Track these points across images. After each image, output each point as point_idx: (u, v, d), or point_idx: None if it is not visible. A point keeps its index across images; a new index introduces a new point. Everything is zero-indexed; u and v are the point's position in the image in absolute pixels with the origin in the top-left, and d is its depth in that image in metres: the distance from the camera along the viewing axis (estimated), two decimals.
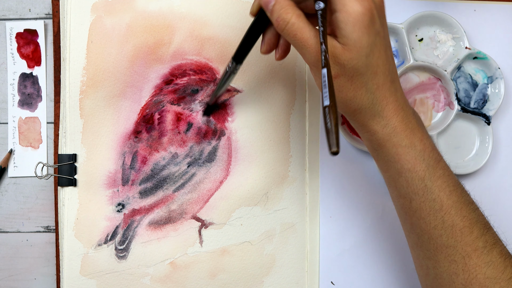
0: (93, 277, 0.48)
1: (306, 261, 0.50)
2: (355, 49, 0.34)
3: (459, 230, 0.38)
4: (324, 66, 0.33)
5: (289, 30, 0.35)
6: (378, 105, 0.37)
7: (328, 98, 0.32)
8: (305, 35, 0.35)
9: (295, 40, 0.36)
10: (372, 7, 0.35)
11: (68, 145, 0.48)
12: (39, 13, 0.52)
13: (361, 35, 0.34)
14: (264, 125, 0.49)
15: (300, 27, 0.35)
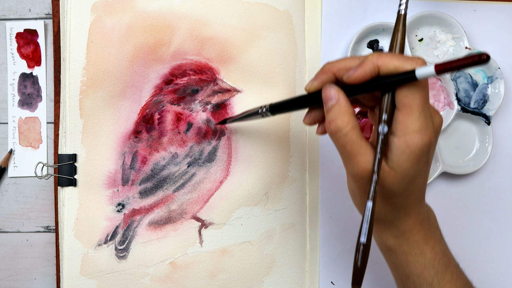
0: (93, 277, 0.48)
1: (306, 261, 0.50)
2: (401, 177, 0.34)
3: None
4: (371, 199, 0.32)
5: (340, 139, 0.34)
6: (398, 220, 0.36)
7: (365, 235, 0.31)
8: (355, 150, 0.34)
9: (343, 150, 0.34)
10: (431, 139, 0.33)
11: (68, 145, 0.48)
12: (39, 13, 0.52)
13: (412, 165, 0.33)
14: (264, 125, 0.49)
15: (352, 140, 0.33)
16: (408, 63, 0.32)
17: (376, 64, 0.32)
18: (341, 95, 0.34)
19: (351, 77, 0.33)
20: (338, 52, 0.51)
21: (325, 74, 0.35)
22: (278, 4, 0.49)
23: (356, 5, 0.51)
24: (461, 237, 0.52)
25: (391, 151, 0.33)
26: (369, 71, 0.33)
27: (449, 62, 0.30)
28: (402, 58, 0.32)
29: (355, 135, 0.34)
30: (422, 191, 0.36)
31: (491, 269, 0.53)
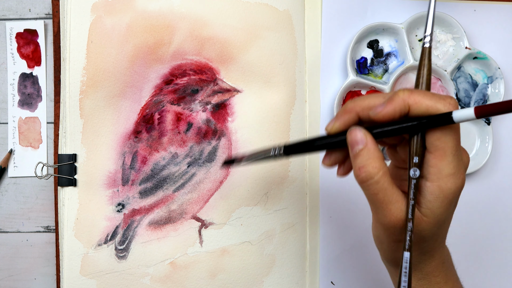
0: (93, 277, 0.48)
1: (306, 261, 0.50)
2: (433, 223, 0.32)
3: None
4: (407, 250, 0.31)
5: (372, 186, 0.31)
6: (423, 263, 0.35)
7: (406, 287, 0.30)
8: (387, 198, 0.31)
9: (375, 199, 0.32)
10: (464, 182, 0.32)
11: (68, 145, 0.48)
12: (39, 13, 0.52)
13: (445, 210, 0.32)
14: (264, 125, 0.49)
15: (384, 188, 0.31)
16: (441, 103, 0.30)
17: (407, 102, 0.30)
18: (369, 138, 0.32)
19: (378, 114, 0.31)
20: (338, 52, 0.51)
21: (348, 114, 0.33)
22: (278, 4, 0.49)
23: (356, 5, 0.51)
24: (461, 237, 0.52)
25: (423, 196, 0.32)
26: (399, 109, 0.31)
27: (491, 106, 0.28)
28: (434, 97, 0.30)
29: (386, 183, 0.31)
30: (446, 233, 0.35)
31: (492, 269, 0.53)
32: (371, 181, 0.31)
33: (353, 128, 0.32)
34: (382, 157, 0.32)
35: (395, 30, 0.50)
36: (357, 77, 0.50)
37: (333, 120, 0.34)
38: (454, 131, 0.30)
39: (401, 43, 0.51)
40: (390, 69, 0.51)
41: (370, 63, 0.52)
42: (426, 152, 0.31)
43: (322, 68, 0.51)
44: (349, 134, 0.32)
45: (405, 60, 0.50)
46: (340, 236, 0.51)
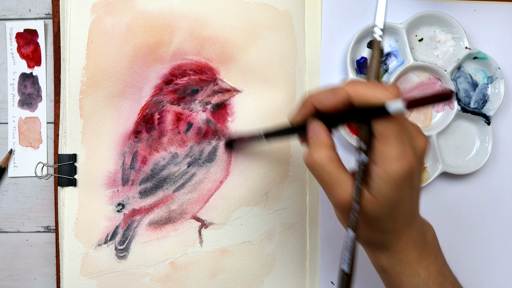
0: (93, 277, 0.48)
1: (306, 261, 0.50)
2: (383, 203, 0.34)
3: None
4: (352, 228, 0.33)
5: (317, 171, 0.34)
6: (389, 242, 0.36)
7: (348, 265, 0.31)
8: (333, 181, 0.34)
9: (322, 183, 0.35)
10: (412, 165, 0.33)
11: (68, 145, 0.48)
12: (39, 13, 0.52)
13: (393, 192, 0.33)
14: (264, 125, 0.49)
15: (329, 172, 0.34)
16: (382, 93, 0.32)
17: (348, 93, 0.33)
18: (319, 127, 0.35)
19: (324, 106, 0.34)
20: (338, 52, 0.51)
21: (305, 108, 0.36)
22: (278, 4, 0.49)
23: (356, 5, 0.51)
24: (461, 237, 0.52)
25: (372, 179, 0.33)
26: (341, 101, 0.33)
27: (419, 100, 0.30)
28: (375, 88, 0.32)
29: (333, 168, 0.34)
30: (411, 214, 0.36)
31: (491, 269, 0.53)
32: (316, 166, 0.34)
33: (310, 119, 0.36)
34: (331, 145, 0.34)
35: (395, 30, 0.50)
36: (357, 77, 0.50)
37: (295, 114, 0.37)
38: (397, 117, 0.32)
39: (401, 43, 0.51)
40: (390, 69, 0.51)
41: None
42: (372, 138, 0.33)
43: (322, 68, 0.51)
44: (307, 125, 0.36)
45: (405, 60, 0.50)
46: (340, 236, 0.51)
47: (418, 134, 0.35)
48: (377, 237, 0.36)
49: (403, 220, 0.36)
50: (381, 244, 0.37)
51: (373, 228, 0.35)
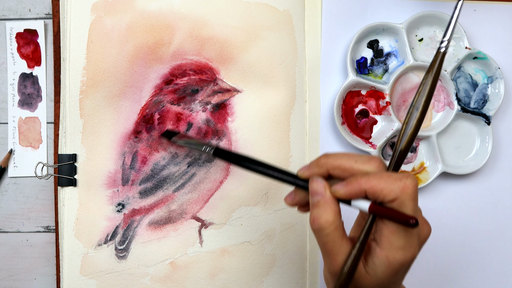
0: (93, 277, 0.48)
1: (306, 261, 0.50)
2: (375, 283, 0.34)
3: None
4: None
5: (322, 237, 0.34)
6: None
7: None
8: (335, 249, 0.34)
9: (324, 248, 0.34)
10: (415, 255, 0.33)
11: (68, 145, 0.48)
12: (39, 13, 0.52)
13: (389, 277, 0.33)
14: (264, 125, 0.49)
15: (333, 240, 0.33)
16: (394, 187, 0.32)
17: (363, 187, 0.32)
18: (328, 192, 0.34)
19: (336, 193, 0.34)
20: (338, 52, 0.51)
21: (319, 168, 0.35)
22: (278, 4, 0.49)
23: (356, 5, 0.51)
24: (461, 237, 0.52)
25: (371, 258, 0.33)
26: (355, 193, 0.33)
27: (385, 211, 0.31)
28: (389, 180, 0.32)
29: (336, 236, 0.33)
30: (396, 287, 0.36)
31: (491, 269, 0.53)
32: (322, 232, 0.33)
33: (315, 178, 0.35)
34: (338, 211, 0.34)
35: (395, 30, 0.50)
36: (357, 77, 0.50)
37: (306, 168, 0.36)
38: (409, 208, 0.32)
39: (401, 43, 0.51)
40: (390, 69, 0.51)
41: (370, 63, 0.52)
42: (380, 220, 0.33)
43: (322, 68, 0.51)
44: (310, 182, 0.35)
45: (405, 60, 0.50)
46: None
47: (424, 222, 0.35)
48: None
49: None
50: None
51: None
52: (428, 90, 0.34)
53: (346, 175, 0.34)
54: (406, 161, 0.52)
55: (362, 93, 0.51)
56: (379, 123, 0.51)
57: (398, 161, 0.34)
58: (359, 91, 0.51)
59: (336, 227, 0.33)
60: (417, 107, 0.34)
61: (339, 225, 0.34)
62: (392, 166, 0.34)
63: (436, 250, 0.52)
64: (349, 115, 0.51)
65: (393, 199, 0.32)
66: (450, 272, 0.52)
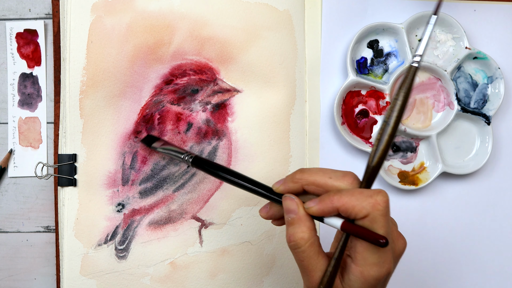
0: (93, 277, 0.48)
1: None
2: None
3: None
4: None
5: (298, 254, 0.34)
6: None
7: None
8: (311, 266, 0.34)
9: (300, 265, 0.35)
10: (390, 271, 0.33)
11: (68, 145, 0.48)
12: (39, 13, 0.52)
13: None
14: (264, 125, 0.49)
15: (309, 257, 0.34)
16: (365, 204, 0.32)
17: (335, 205, 0.33)
18: (301, 209, 0.34)
19: (309, 210, 0.34)
20: (338, 52, 0.51)
21: (294, 184, 0.35)
22: (278, 4, 0.49)
23: (356, 5, 0.51)
24: (461, 237, 0.52)
25: (347, 274, 0.34)
26: (327, 211, 0.33)
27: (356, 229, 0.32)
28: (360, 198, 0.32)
29: (312, 252, 0.34)
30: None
31: (491, 269, 0.53)
32: (298, 249, 0.34)
33: (289, 196, 0.35)
34: (313, 227, 0.34)
35: (395, 30, 0.50)
36: (357, 77, 0.50)
37: (281, 182, 0.36)
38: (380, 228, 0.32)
39: (401, 43, 0.51)
40: (390, 69, 0.51)
41: (370, 63, 0.52)
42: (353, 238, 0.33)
43: (322, 68, 0.51)
44: (284, 200, 0.35)
45: (405, 60, 0.50)
46: None
47: (399, 237, 0.35)
48: None
49: None
50: None
51: None
52: (399, 105, 0.33)
53: (321, 192, 0.34)
54: (406, 161, 0.52)
55: (362, 93, 0.51)
56: (379, 123, 0.51)
57: (370, 177, 0.34)
58: (359, 91, 0.51)
59: (311, 244, 0.34)
60: (389, 123, 0.33)
61: (314, 241, 0.34)
62: (365, 182, 0.34)
63: (436, 250, 0.52)
64: (349, 115, 0.51)
65: (364, 216, 0.32)
66: (450, 272, 0.52)
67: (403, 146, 0.52)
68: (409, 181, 0.51)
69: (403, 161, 0.52)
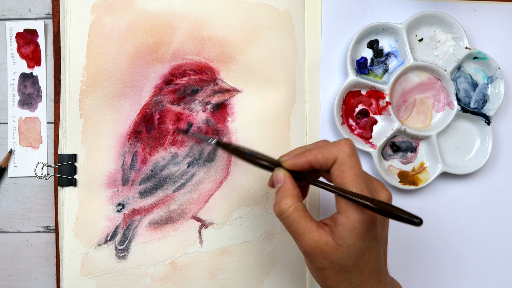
0: (93, 277, 0.48)
1: None
2: (347, 252, 0.35)
3: None
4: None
5: (284, 220, 0.37)
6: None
7: None
8: (299, 230, 0.36)
9: (290, 231, 0.37)
10: (374, 216, 0.35)
11: (68, 145, 0.48)
12: (39, 13, 0.52)
13: (357, 241, 0.35)
14: (264, 125, 0.49)
15: (295, 221, 0.36)
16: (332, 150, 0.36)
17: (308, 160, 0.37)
18: (287, 178, 0.38)
19: (284, 163, 0.38)
20: (338, 52, 0.51)
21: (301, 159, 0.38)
22: (278, 4, 0.49)
23: (356, 5, 0.51)
24: (461, 237, 0.52)
25: (337, 227, 0.35)
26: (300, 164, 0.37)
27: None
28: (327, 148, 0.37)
29: (298, 216, 0.36)
30: (378, 267, 0.37)
31: (491, 269, 0.53)
32: (283, 215, 0.37)
33: (276, 168, 0.39)
34: (296, 194, 0.37)
35: (395, 30, 0.50)
36: (357, 77, 0.50)
37: (288, 157, 0.39)
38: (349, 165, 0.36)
39: (401, 43, 0.51)
40: (390, 69, 0.51)
41: (370, 63, 0.52)
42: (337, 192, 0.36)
43: (322, 68, 0.51)
44: (273, 173, 0.39)
45: (405, 60, 0.50)
46: None
47: (382, 188, 0.38)
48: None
49: (370, 274, 0.37)
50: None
51: (341, 279, 0.36)
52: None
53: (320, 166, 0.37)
54: (406, 161, 0.52)
55: (362, 93, 0.51)
56: (379, 123, 0.51)
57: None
58: (359, 91, 0.51)
59: (295, 208, 0.36)
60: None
61: (298, 207, 0.37)
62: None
63: (436, 249, 0.52)
64: (349, 115, 0.51)
65: (334, 161, 0.36)
66: (450, 271, 0.52)
67: (403, 146, 0.52)
68: (409, 181, 0.51)
69: (403, 161, 0.52)
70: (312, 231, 0.36)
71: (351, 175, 0.35)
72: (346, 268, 0.36)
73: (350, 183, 0.35)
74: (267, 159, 0.40)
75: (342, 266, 0.36)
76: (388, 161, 0.51)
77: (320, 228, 0.36)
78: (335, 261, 0.35)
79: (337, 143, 0.37)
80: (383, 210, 0.34)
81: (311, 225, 0.36)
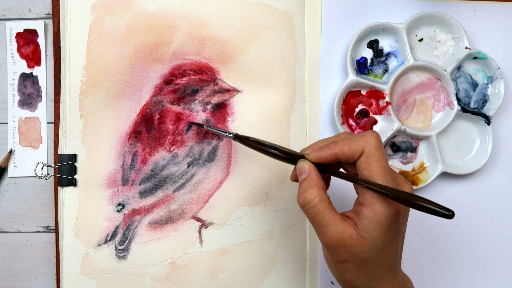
0: (93, 277, 0.48)
1: (306, 261, 0.50)
2: (370, 245, 0.35)
3: None
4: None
5: (309, 211, 0.36)
6: (373, 287, 0.37)
7: None
8: (324, 221, 0.36)
9: (313, 221, 0.37)
10: (399, 209, 0.35)
11: (68, 145, 0.48)
12: (39, 13, 0.52)
13: (381, 234, 0.35)
14: (264, 125, 0.49)
15: (320, 212, 0.36)
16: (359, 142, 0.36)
17: (333, 152, 0.37)
18: (312, 170, 0.37)
19: (308, 156, 0.38)
20: (338, 52, 0.51)
21: (326, 152, 0.38)
22: (278, 4, 0.49)
23: (356, 5, 0.51)
24: (461, 237, 0.52)
25: (361, 220, 0.35)
26: (325, 157, 0.37)
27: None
28: (353, 140, 0.36)
29: (323, 208, 0.36)
30: (395, 260, 0.37)
31: (491, 269, 0.53)
32: (308, 205, 0.36)
33: (301, 160, 0.38)
34: (322, 186, 0.37)
35: (395, 30, 0.50)
36: (357, 77, 0.50)
37: (312, 150, 0.38)
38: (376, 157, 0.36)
39: (401, 43, 0.51)
40: (390, 69, 0.51)
41: (370, 63, 0.52)
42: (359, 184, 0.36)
43: (322, 68, 0.51)
44: (297, 165, 0.39)
45: (405, 60, 0.50)
46: None
47: (405, 182, 0.38)
48: (362, 282, 0.37)
49: (388, 267, 0.37)
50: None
51: (360, 272, 0.36)
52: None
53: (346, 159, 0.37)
54: (406, 161, 0.52)
55: (362, 93, 0.51)
56: (379, 123, 0.51)
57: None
58: (359, 91, 0.51)
59: (320, 199, 0.36)
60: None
61: (323, 198, 0.36)
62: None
63: (436, 249, 0.52)
64: (349, 115, 0.51)
65: (361, 153, 0.36)
66: (450, 271, 0.53)
67: (403, 146, 0.52)
68: (409, 181, 0.51)
69: (403, 161, 0.52)
70: (337, 223, 0.36)
71: (378, 168, 0.35)
72: (367, 261, 0.36)
73: (377, 175, 0.35)
74: (290, 152, 0.40)
75: (363, 259, 0.36)
76: (388, 161, 0.51)
77: (344, 221, 0.36)
78: (357, 254, 0.35)
79: (363, 135, 0.36)
80: (413, 203, 0.34)
81: (336, 217, 0.36)
